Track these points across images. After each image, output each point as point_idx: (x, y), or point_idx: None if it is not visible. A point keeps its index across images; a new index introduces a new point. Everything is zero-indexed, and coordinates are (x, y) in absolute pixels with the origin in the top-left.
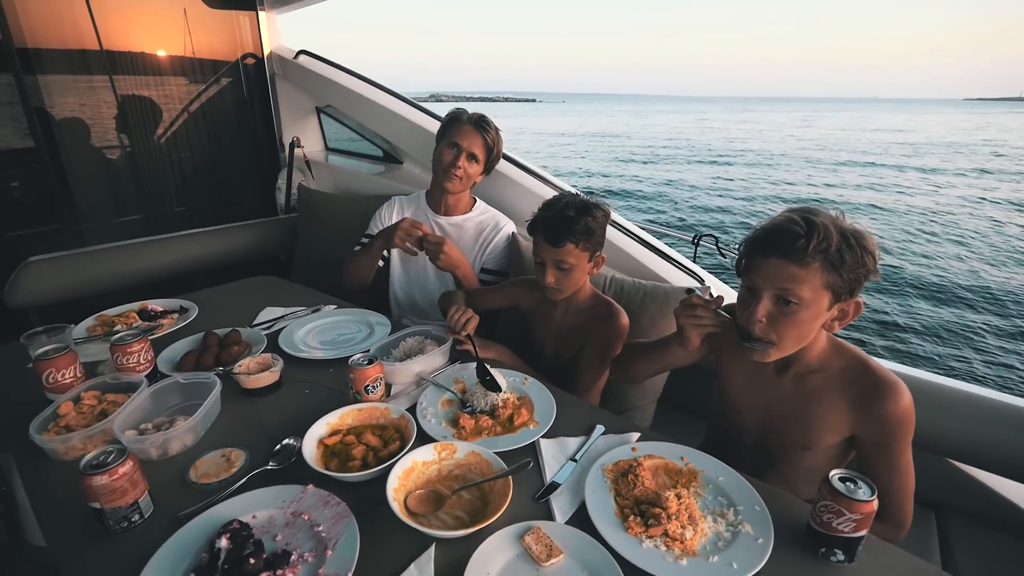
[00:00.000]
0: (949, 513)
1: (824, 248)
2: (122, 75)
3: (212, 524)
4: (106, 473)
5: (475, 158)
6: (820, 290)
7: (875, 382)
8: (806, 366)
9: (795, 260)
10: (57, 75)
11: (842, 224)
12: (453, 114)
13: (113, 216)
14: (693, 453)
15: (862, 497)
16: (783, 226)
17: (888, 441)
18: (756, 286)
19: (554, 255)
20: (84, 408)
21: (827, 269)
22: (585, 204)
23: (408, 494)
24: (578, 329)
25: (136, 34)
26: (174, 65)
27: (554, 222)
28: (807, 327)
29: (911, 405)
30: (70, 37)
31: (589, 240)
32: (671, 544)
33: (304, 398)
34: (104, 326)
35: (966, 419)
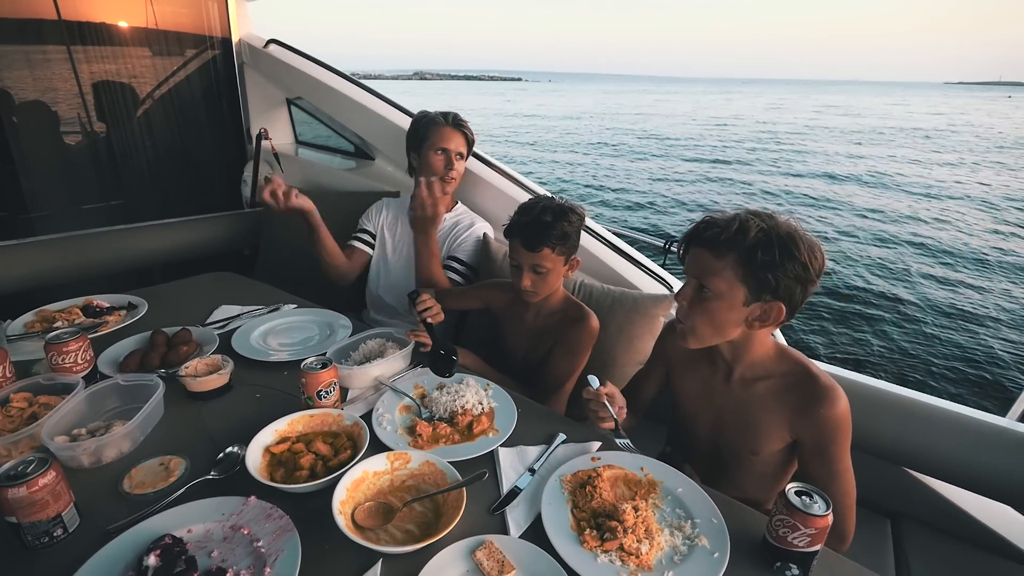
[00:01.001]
0: (904, 521)
1: (737, 242)
2: (81, 54)
3: (143, 539)
4: (24, 485)
5: (461, 156)
6: (735, 283)
7: (813, 387)
8: (752, 372)
9: (712, 250)
10: (6, 45)
11: (776, 225)
12: (427, 117)
13: (66, 204)
14: (653, 463)
15: (817, 512)
16: (710, 219)
17: (825, 445)
18: (687, 273)
19: (531, 259)
20: (12, 411)
21: (740, 263)
22: (562, 208)
23: (357, 506)
24: (548, 331)
25: (98, 12)
26: (137, 47)
27: (531, 227)
28: (720, 318)
29: (847, 410)
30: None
31: (565, 244)
32: (626, 559)
33: (255, 403)
34: (44, 322)
35: (923, 429)
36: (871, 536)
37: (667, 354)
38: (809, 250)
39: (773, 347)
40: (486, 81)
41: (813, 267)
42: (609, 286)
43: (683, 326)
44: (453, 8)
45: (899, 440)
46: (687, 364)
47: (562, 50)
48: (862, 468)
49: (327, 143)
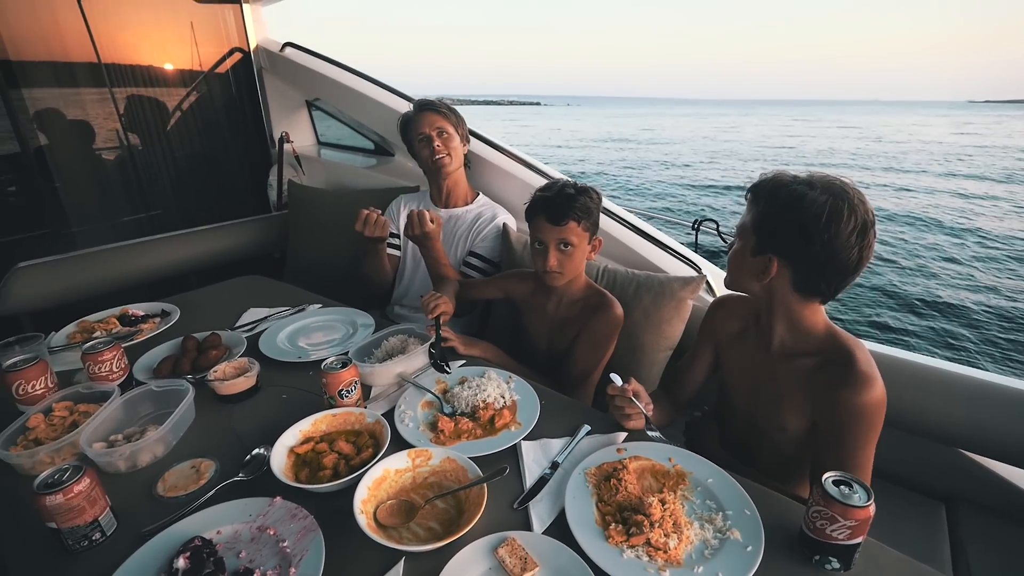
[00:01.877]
0: (960, 505)
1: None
2: (111, 75)
3: (175, 541)
4: (60, 492)
5: (444, 131)
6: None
7: (846, 371)
8: (794, 346)
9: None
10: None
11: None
12: (403, 118)
13: (104, 218)
14: (681, 453)
15: (857, 503)
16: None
17: (840, 431)
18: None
19: (557, 234)
20: (55, 420)
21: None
22: (582, 186)
23: (379, 504)
24: (571, 320)
25: (125, 32)
26: (162, 63)
27: (556, 200)
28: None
29: (876, 403)
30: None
31: (589, 219)
32: (654, 554)
33: (282, 404)
34: (84, 332)
35: (978, 407)
36: (925, 521)
37: (716, 331)
38: (818, 211)
39: (823, 325)
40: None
41: (818, 229)
42: (634, 270)
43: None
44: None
45: (953, 420)
46: (736, 338)
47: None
48: (914, 450)
49: (348, 142)
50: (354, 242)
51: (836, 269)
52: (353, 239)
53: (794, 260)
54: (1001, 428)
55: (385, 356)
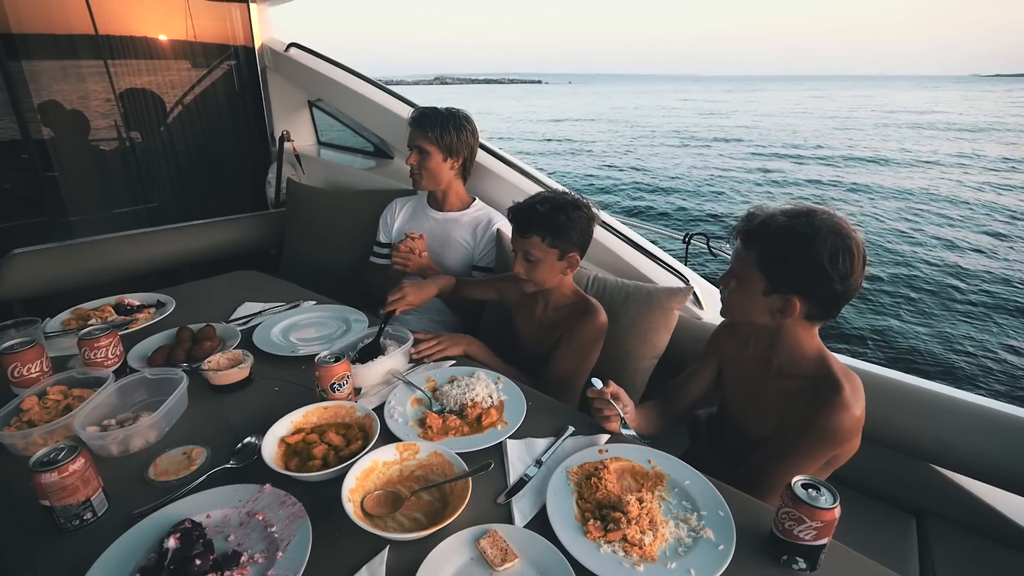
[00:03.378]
0: (930, 519)
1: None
2: (113, 65)
3: (165, 523)
4: (55, 470)
5: (423, 151)
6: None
7: (827, 393)
8: (790, 368)
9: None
10: (45, 60)
11: (806, 223)
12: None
13: (102, 208)
14: (660, 456)
15: (823, 504)
16: (751, 212)
17: (797, 436)
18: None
19: (521, 245)
20: (49, 403)
21: (760, 255)
22: (562, 202)
23: (366, 495)
24: (557, 324)
25: (129, 23)
26: (166, 56)
27: (523, 212)
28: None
29: (845, 428)
30: (60, 20)
31: (557, 236)
32: (629, 549)
33: (274, 395)
34: (79, 320)
35: (949, 423)
36: (895, 533)
37: (722, 350)
38: (833, 250)
39: (817, 350)
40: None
41: (836, 268)
42: (623, 280)
43: (724, 300)
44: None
45: (924, 435)
46: (738, 359)
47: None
48: (886, 464)
49: (348, 143)
50: (349, 241)
51: (849, 297)
52: (348, 238)
53: (813, 296)
54: (971, 444)
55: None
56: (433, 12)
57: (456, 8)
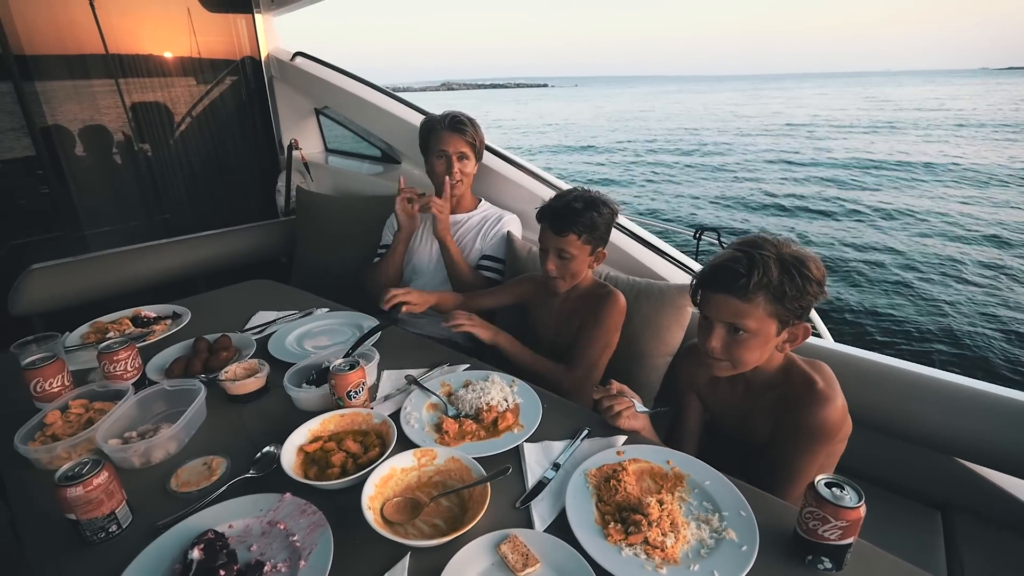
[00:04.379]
0: (956, 513)
1: (765, 284)
2: (123, 81)
3: (188, 534)
4: (80, 484)
5: (464, 156)
6: (766, 319)
7: (810, 393)
8: (765, 383)
9: (739, 296)
10: (57, 81)
11: (785, 253)
12: (428, 124)
13: (116, 222)
14: (679, 456)
15: (848, 504)
16: (727, 264)
17: (785, 440)
18: (709, 317)
19: (556, 243)
20: (71, 417)
21: (771, 301)
22: (593, 200)
23: (385, 502)
24: (575, 312)
25: (137, 40)
26: (174, 70)
27: (560, 211)
28: (757, 351)
29: (836, 421)
30: (70, 41)
31: (592, 234)
32: (651, 552)
33: (290, 404)
34: (98, 333)
35: (974, 416)
36: (921, 529)
37: (692, 379)
38: (816, 265)
39: (778, 357)
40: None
41: (823, 279)
42: (634, 277)
43: (722, 363)
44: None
45: (948, 428)
46: (711, 384)
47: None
48: (910, 458)
49: (355, 149)
50: (359, 248)
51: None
52: (358, 245)
53: (808, 313)
54: (997, 437)
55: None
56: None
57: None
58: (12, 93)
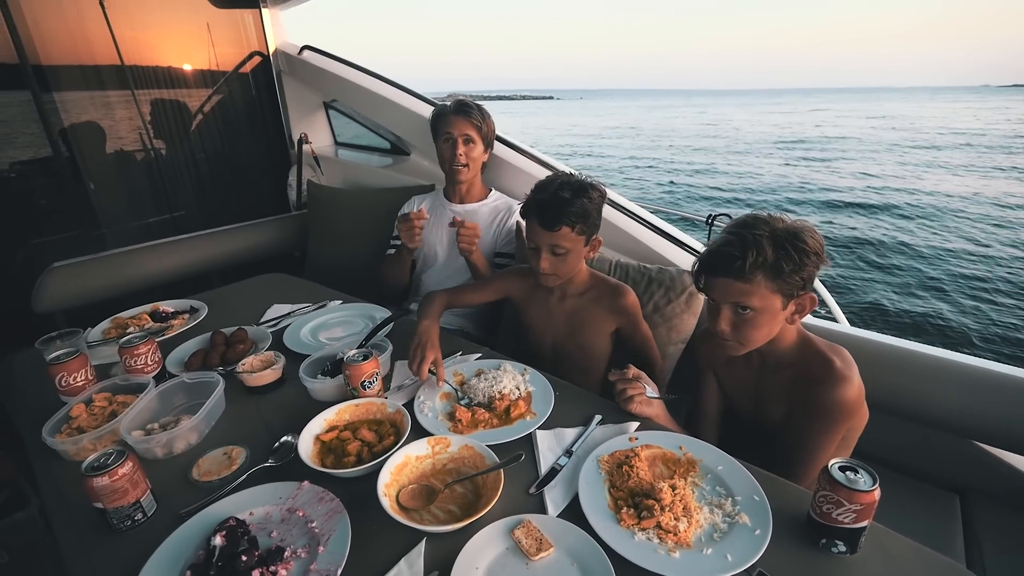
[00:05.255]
0: (974, 497)
1: (761, 263)
2: (135, 81)
3: (211, 521)
4: (106, 474)
5: (470, 139)
6: (769, 295)
7: (828, 372)
8: (780, 360)
9: (738, 278)
10: (74, 90)
11: (779, 229)
12: (437, 111)
13: (132, 219)
14: (692, 442)
15: (862, 487)
16: (721, 249)
17: (803, 420)
18: (715, 300)
19: (549, 239)
20: (95, 410)
21: (770, 278)
22: (580, 185)
23: (401, 489)
24: (578, 313)
25: (148, 38)
26: (184, 68)
27: (549, 204)
28: (766, 328)
29: (853, 401)
30: (84, 50)
31: (585, 223)
32: (664, 536)
33: (306, 394)
34: (118, 328)
35: (993, 399)
36: (939, 512)
37: (711, 361)
38: (811, 236)
39: (796, 335)
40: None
41: (821, 248)
42: (645, 264)
43: (731, 342)
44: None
45: (967, 411)
46: (726, 363)
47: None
48: (929, 442)
49: (364, 142)
50: (371, 240)
51: None
52: (369, 237)
53: (812, 282)
54: (1016, 420)
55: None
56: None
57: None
58: (31, 101)
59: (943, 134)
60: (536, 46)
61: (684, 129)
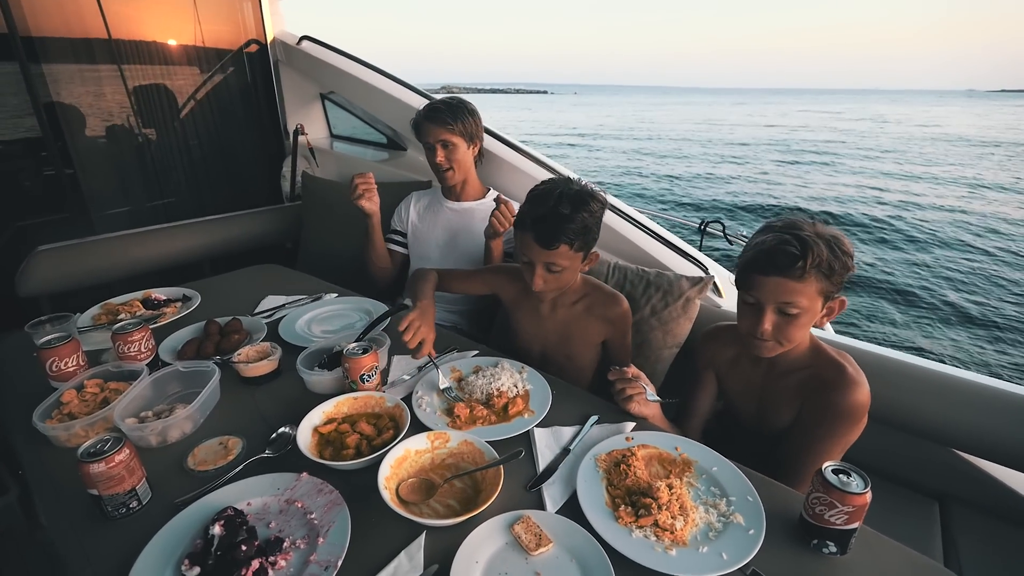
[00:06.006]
0: (953, 503)
1: (818, 263)
2: (128, 63)
3: (208, 511)
4: (103, 461)
5: (448, 143)
6: (815, 297)
7: (841, 376)
8: (790, 365)
9: (795, 277)
10: (63, 64)
11: (824, 233)
12: (415, 118)
13: (121, 204)
14: (687, 443)
15: (854, 489)
16: (781, 248)
17: (815, 424)
18: (759, 301)
19: (545, 257)
20: (87, 396)
21: (820, 279)
22: (580, 196)
23: (400, 482)
24: (573, 323)
25: (142, 21)
26: (179, 53)
27: (546, 219)
28: (805, 328)
29: (863, 405)
30: (76, 25)
31: (585, 238)
32: (661, 534)
33: (302, 386)
34: (109, 314)
35: (972, 409)
36: (919, 518)
37: (713, 360)
38: (846, 240)
39: (809, 341)
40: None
41: (853, 253)
42: (643, 268)
43: (769, 343)
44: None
45: (947, 421)
46: (732, 364)
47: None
48: (910, 449)
49: (360, 136)
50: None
51: None
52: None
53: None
54: (994, 430)
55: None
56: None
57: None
58: (19, 73)
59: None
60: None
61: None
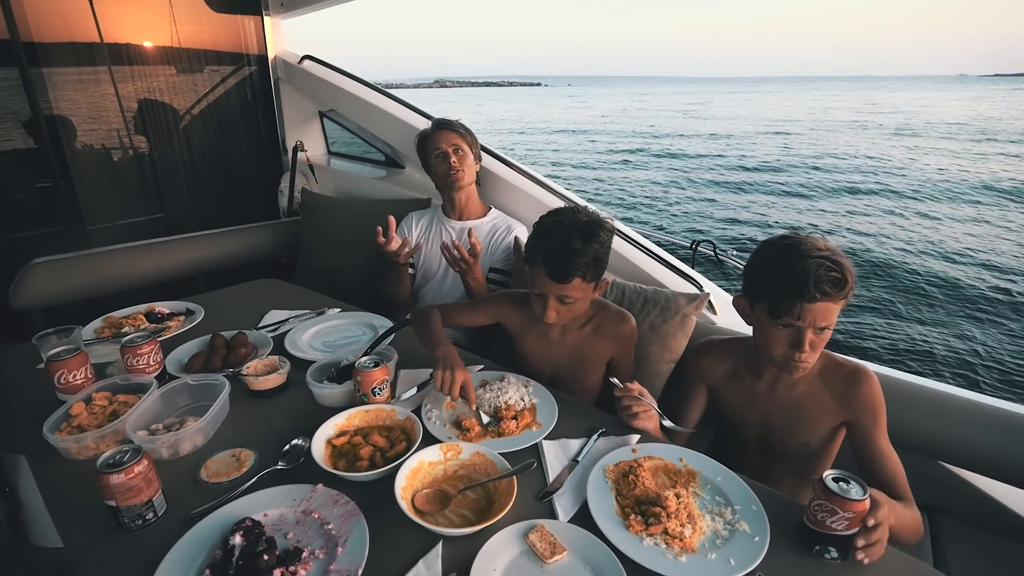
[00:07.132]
0: (941, 515)
1: (846, 284)
2: (127, 78)
3: (225, 522)
4: (123, 471)
5: (460, 149)
6: (837, 313)
7: (848, 371)
8: (810, 373)
9: (838, 300)
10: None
11: (837, 248)
12: (421, 134)
13: (118, 218)
14: (691, 454)
15: (854, 496)
16: (822, 275)
17: (870, 423)
18: (800, 326)
19: (557, 291)
20: (96, 409)
21: (844, 296)
22: (590, 228)
23: (415, 493)
24: (584, 346)
25: (142, 38)
26: (180, 69)
27: (558, 255)
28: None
29: (880, 389)
30: (76, 35)
31: (597, 268)
32: (671, 542)
33: (310, 399)
34: (112, 328)
35: (959, 423)
36: None
37: (706, 375)
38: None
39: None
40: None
41: None
42: (641, 285)
43: (806, 364)
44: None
45: (935, 434)
46: (730, 379)
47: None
48: None
49: (358, 154)
50: (365, 250)
51: None
52: (363, 247)
53: None
54: (982, 444)
55: None
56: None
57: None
58: (19, 82)
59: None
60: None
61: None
